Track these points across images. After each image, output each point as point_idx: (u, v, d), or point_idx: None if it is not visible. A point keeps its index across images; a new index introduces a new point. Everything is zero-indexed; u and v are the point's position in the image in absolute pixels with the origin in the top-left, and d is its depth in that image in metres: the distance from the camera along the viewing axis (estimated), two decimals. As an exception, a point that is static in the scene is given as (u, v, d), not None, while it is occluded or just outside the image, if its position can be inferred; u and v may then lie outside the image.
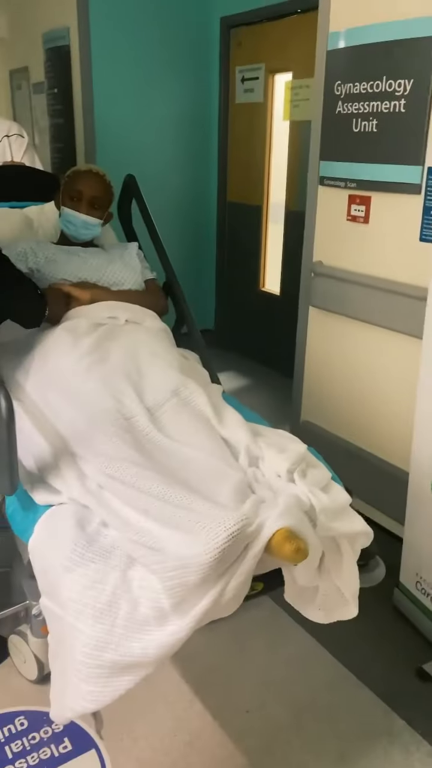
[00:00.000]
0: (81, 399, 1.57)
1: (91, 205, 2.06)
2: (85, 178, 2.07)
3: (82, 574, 1.19)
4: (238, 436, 1.50)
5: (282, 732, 1.73)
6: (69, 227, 2.09)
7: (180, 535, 1.13)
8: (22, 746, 1.68)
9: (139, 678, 1.14)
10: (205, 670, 1.90)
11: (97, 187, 2.07)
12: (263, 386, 3.83)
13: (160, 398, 1.60)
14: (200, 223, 4.29)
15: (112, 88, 3.76)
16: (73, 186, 2.06)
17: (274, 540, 1.12)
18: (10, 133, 2.84)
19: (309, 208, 2.49)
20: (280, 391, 3.70)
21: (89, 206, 2.06)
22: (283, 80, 3.65)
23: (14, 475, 1.35)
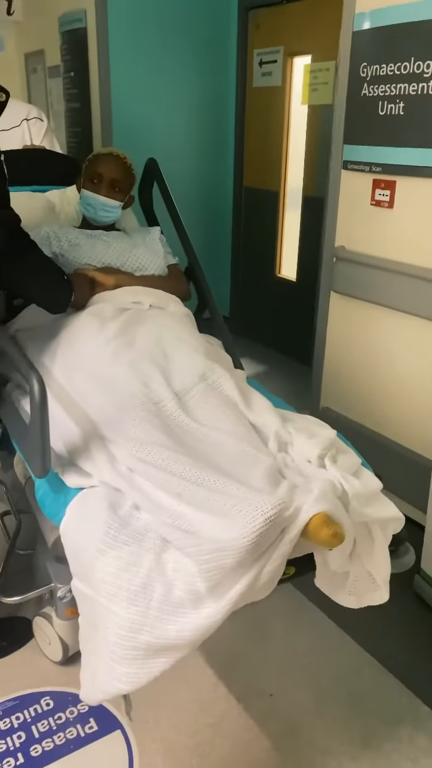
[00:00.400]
0: (109, 383, 1.57)
1: (111, 187, 2.05)
2: (106, 160, 2.06)
3: (116, 557, 1.19)
4: (267, 422, 1.50)
5: (306, 716, 1.74)
6: (88, 209, 2.09)
7: (215, 519, 1.13)
8: (49, 726, 1.70)
9: (174, 660, 1.14)
10: (228, 654, 1.91)
11: (117, 169, 2.06)
12: (279, 373, 3.82)
13: (188, 383, 1.60)
14: (216, 208, 4.26)
15: (129, 72, 3.73)
16: (94, 168, 2.05)
17: (311, 524, 1.12)
18: (29, 116, 2.83)
19: (331, 192, 2.47)
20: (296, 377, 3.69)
21: (109, 189, 2.05)
22: (302, 63, 3.60)
23: (46, 458, 1.35)
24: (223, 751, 1.64)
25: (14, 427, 1.59)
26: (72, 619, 1.79)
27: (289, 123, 3.81)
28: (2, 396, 1.68)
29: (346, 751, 1.65)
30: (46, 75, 4.51)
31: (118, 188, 2.06)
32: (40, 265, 1.61)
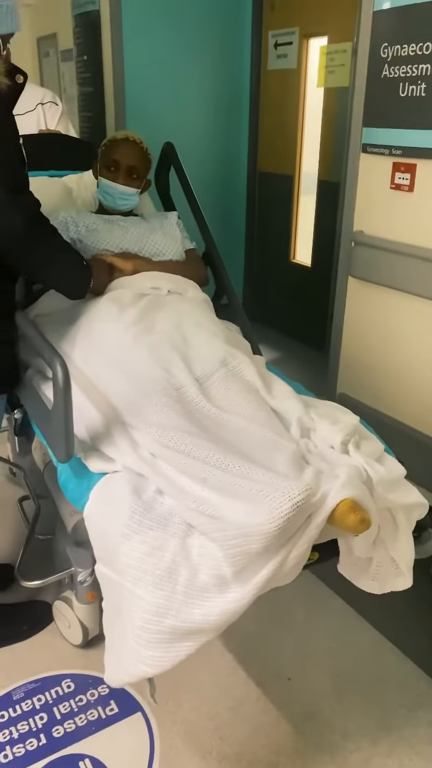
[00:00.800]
0: (129, 369, 1.56)
1: (129, 174, 2.03)
2: (122, 147, 2.04)
3: (140, 541, 1.19)
4: (289, 407, 1.49)
5: (324, 700, 1.75)
6: (106, 198, 2.07)
7: (241, 504, 1.13)
8: (70, 708, 1.72)
9: (200, 644, 1.15)
10: (247, 638, 1.92)
11: (135, 155, 2.04)
12: (293, 359, 3.81)
13: (209, 369, 1.59)
14: (230, 193, 4.23)
15: (142, 55, 3.68)
16: (110, 155, 2.03)
17: (338, 510, 1.12)
18: (44, 100, 2.80)
19: (350, 176, 2.43)
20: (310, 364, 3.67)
21: (126, 176, 2.03)
22: (318, 45, 3.55)
23: (70, 444, 1.35)
24: (243, 734, 1.65)
25: (36, 413, 1.59)
26: (92, 603, 1.81)
27: (304, 106, 3.76)
28: (23, 382, 1.68)
29: (365, 735, 1.66)
30: (59, 59, 4.47)
31: (135, 175, 2.04)
32: (60, 250, 1.60)
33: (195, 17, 3.76)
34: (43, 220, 1.51)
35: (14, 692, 1.76)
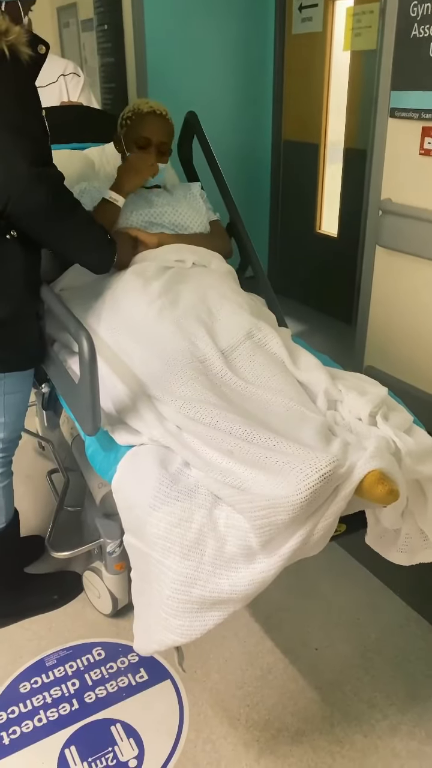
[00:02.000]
0: (155, 342, 1.56)
1: (159, 150, 2.00)
2: (152, 122, 1.97)
3: (168, 512, 1.20)
4: (316, 379, 1.48)
5: (352, 670, 1.77)
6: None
7: (268, 476, 1.13)
8: (101, 674, 1.76)
9: (228, 614, 1.16)
10: (274, 609, 1.94)
11: (164, 130, 1.99)
12: (319, 331, 3.77)
13: (234, 341, 1.58)
14: (254, 162, 4.16)
15: (163, 23, 3.61)
16: (140, 132, 1.96)
17: (365, 482, 1.11)
18: (65, 72, 2.76)
19: (377, 142, 2.37)
20: (336, 336, 3.64)
21: (158, 153, 2.00)
22: (344, 7, 3.44)
23: (97, 417, 1.36)
24: (271, 702, 1.68)
25: (63, 387, 1.60)
26: (121, 573, 1.84)
27: (330, 71, 3.67)
28: (50, 356, 1.69)
29: (392, 704, 1.67)
30: (79, 29, 4.41)
31: (164, 149, 2.01)
32: (84, 223, 1.59)
33: (217, -18, 3.68)
34: (66, 193, 1.50)
35: (47, 659, 1.81)
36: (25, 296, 1.54)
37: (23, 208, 1.40)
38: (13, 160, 1.34)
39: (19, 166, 1.34)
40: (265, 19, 3.88)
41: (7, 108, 1.34)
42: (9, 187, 1.36)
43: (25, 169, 1.35)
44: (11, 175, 1.35)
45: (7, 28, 1.30)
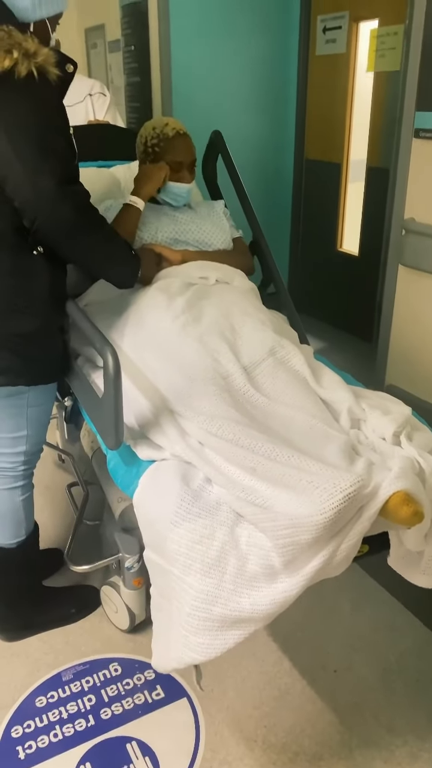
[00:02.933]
0: (178, 358, 1.57)
1: (190, 171, 2.03)
2: (180, 145, 1.99)
3: (189, 529, 1.20)
4: (339, 397, 1.47)
5: (371, 693, 1.74)
6: (178, 200, 2.04)
7: (291, 495, 1.12)
8: (117, 691, 1.75)
9: (248, 633, 1.15)
10: (292, 628, 1.92)
11: (191, 150, 2.02)
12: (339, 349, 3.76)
13: (257, 358, 1.58)
14: (276, 181, 4.19)
15: (189, 44, 3.67)
16: (172, 157, 1.98)
17: (391, 503, 1.10)
18: (92, 91, 2.83)
19: (401, 162, 2.37)
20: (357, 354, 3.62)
21: (189, 174, 2.03)
22: (368, 28, 3.47)
23: (120, 431, 1.37)
24: (289, 724, 1.66)
25: (87, 401, 1.61)
26: (139, 589, 1.83)
27: (353, 92, 3.69)
28: (74, 370, 1.70)
29: (412, 730, 1.64)
30: (106, 50, 4.50)
31: (192, 168, 2.04)
32: (109, 240, 1.61)
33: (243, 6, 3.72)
34: (92, 210, 1.52)
35: (64, 673, 1.80)
36: (51, 311, 1.56)
37: (50, 224, 1.42)
38: (41, 177, 1.36)
39: (46, 183, 1.36)
40: (289, 40, 3.92)
41: (36, 127, 1.36)
42: (37, 205, 1.38)
43: (52, 187, 1.37)
44: (39, 193, 1.37)
45: (36, 50, 1.32)
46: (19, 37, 1.30)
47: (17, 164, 1.34)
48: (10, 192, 1.38)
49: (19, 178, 1.35)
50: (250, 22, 3.78)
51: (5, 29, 1.29)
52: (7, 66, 1.27)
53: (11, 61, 1.27)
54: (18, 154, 1.34)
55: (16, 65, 1.28)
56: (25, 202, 1.38)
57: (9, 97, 1.31)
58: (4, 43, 1.27)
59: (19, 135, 1.34)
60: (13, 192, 1.38)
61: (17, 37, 1.30)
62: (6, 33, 1.29)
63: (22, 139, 1.34)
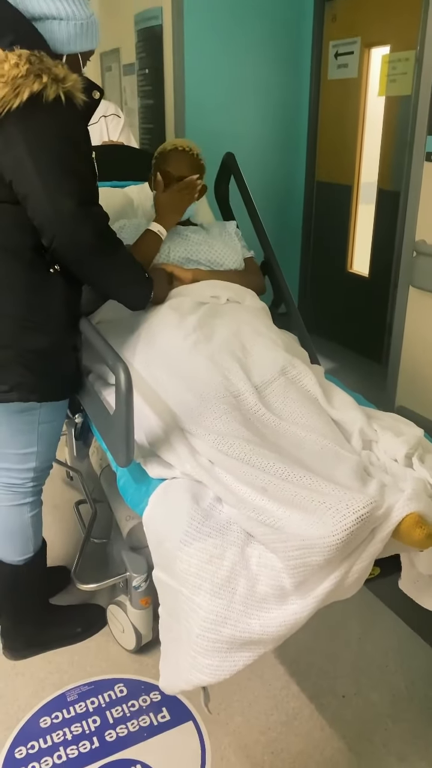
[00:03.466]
0: (189, 376, 1.57)
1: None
2: (172, 157, 2.03)
3: (199, 549, 1.19)
4: (351, 418, 1.47)
5: (380, 719, 1.71)
6: None
7: (303, 515, 1.11)
8: (122, 712, 1.73)
9: (258, 655, 1.14)
10: (301, 651, 1.90)
11: (184, 164, 2.02)
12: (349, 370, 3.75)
13: (268, 377, 1.58)
14: (287, 202, 4.22)
15: (203, 67, 3.73)
16: (162, 167, 2.02)
17: (403, 525, 1.09)
18: (107, 113, 2.88)
19: (413, 185, 2.40)
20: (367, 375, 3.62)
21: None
22: (380, 54, 3.51)
23: (130, 449, 1.37)
24: (296, 749, 1.63)
25: (98, 418, 1.62)
26: (146, 608, 1.82)
27: (364, 115, 3.73)
28: (85, 387, 1.71)
29: (422, 759, 1.60)
30: (121, 72, 4.58)
31: None
32: (124, 263, 1.63)
33: (256, 30, 3.79)
34: (110, 232, 1.54)
35: (68, 693, 1.78)
36: (66, 328, 1.57)
37: (69, 244, 1.44)
38: (62, 199, 1.38)
39: (66, 204, 1.38)
40: (301, 65, 3.98)
41: (60, 149, 1.39)
42: (56, 225, 1.40)
43: (72, 208, 1.39)
44: (59, 213, 1.39)
45: (65, 76, 1.35)
46: (50, 62, 1.33)
47: (39, 184, 1.36)
48: (31, 211, 1.40)
49: (40, 197, 1.37)
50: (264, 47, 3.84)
51: (37, 54, 1.32)
52: (37, 89, 1.30)
53: (40, 85, 1.30)
54: (40, 174, 1.36)
55: (45, 89, 1.31)
56: (45, 221, 1.40)
57: (36, 119, 1.34)
58: (35, 68, 1.30)
59: (42, 156, 1.36)
60: (33, 211, 1.40)
61: (48, 62, 1.33)
62: (38, 58, 1.31)
63: (45, 159, 1.36)
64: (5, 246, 1.47)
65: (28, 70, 1.29)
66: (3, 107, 1.30)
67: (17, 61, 1.29)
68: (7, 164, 1.37)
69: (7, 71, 1.29)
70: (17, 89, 1.29)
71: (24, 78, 1.29)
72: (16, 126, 1.33)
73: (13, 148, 1.35)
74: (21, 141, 1.34)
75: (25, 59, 1.30)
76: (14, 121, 1.33)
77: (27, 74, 1.29)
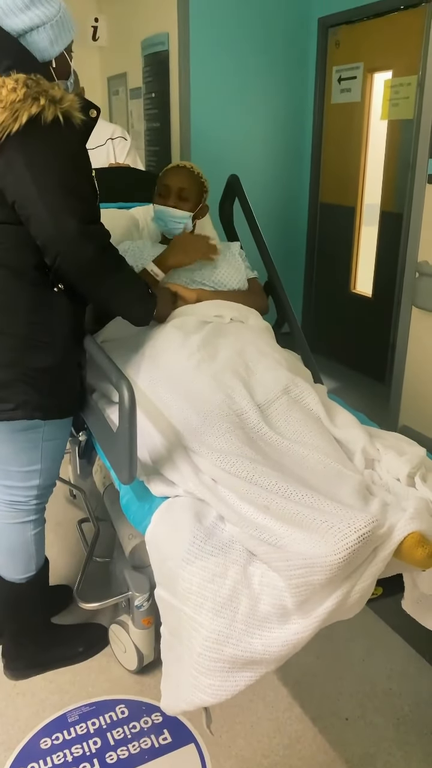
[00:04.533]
0: (192, 395, 1.58)
1: (179, 197, 2.04)
2: (172, 172, 2.08)
3: (201, 567, 1.19)
4: (354, 437, 1.47)
5: (384, 743, 1.69)
6: (159, 223, 2.10)
7: (305, 534, 1.12)
8: (124, 734, 1.71)
9: (260, 675, 1.13)
10: (303, 673, 1.88)
11: (183, 178, 2.05)
12: (352, 390, 3.76)
13: (271, 396, 1.59)
14: (291, 223, 4.27)
15: (208, 91, 3.80)
16: (162, 182, 2.07)
17: (405, 544, 1.09)
18: (113, 135, 2.92)
19: (415, 207, 2.42)
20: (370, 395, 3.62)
21: (177, 199, 2.04)
22: (382, 79, 3.57)
23: (133, 466, 1.37)
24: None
25: (101, 435, 1.63)
26: (148, 628, 1.81)
27: (367, 138, 3.79)
28: (89, 405, 1.72)
29: (427, 784, 1.58)
30: (128, 96, 4.66)
31: (185, 197, 2.05)
32: (127, 280, 1.64)
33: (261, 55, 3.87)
34: (112, 250, 1.56)
35: (69, 714, 1.77)
36: (70, 346, 1.58)
37: (71, 263, 1.46)
38: (64, 217, 1.40)
39: (68, 223, 1.41)
40: (305, 89, 4.05)
41: (61, 169, 1.41)
42: (59, 243, 1.42)
43: (74, 227, 1.41)
44: (61, 232, 1.41)
45: (62, 96, 1.38)
46: (46, 84, 1.36)
47: (41, 204, 1.38)
48: (34, 231, 1.43)
49: (42, 217, 1.40)
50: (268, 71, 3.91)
51: (33, 78, 1.35)
52: (35, 112, 1.33)
53: (38, 108, 1.33)
54: (42, 194, 1.38)
55: (43, 111, 1.34)
56: (48, 240, 1.42)
57: (36, 141, 1.37)
58: (32, 91, 1.33)
59: (43, 176, 1.38)
60: (36, 231, 1.42)
61: (44, 84, 1.36)
62: (34, 81, 1.35)
63: (46, 179, 1.39)
64: (9, 266, 1.49)
65: (26, 94, 1.32)
66: (2, 132, 1.33)
67: (14, 85, 1.33)
68: (10, 186, 1.40)
69: (5, 96, 1.32)
70: (16, 113, 1.32)
71: (22, 102, 1.32)
72: (16, 149, 1.36)
73: (15, 170, 1.38)
74: (22, 163, 1.37)
75: (22, 83, 1.33)
76: (14, 145, 1.35)
77: (25, 98, 1.32)
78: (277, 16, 3.83)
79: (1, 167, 1.38)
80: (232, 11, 3.70)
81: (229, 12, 3.69)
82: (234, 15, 3.71)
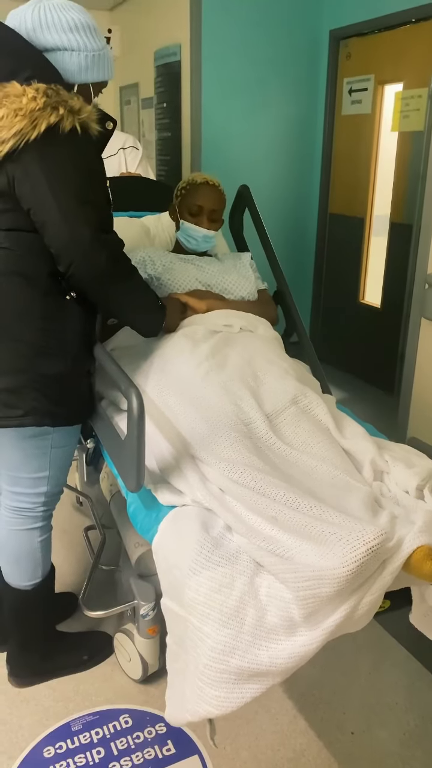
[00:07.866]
0: (201, 404, 1.58)
1: (211, 218, 2.09)
2: (204, 192, 2.08)
3: (208, 577, 1.19)
4: (362, 448, 1.47)
5: (389, 759, 1.67)
6: (190, 241, 2.11)
7: (313, 546, 1.11)
8: (127, 744, 1.70)
9: (266, 687, 1.12)
10: (309, 686, 1.87)
11: (216, 199, 2.09)
12: (361, 400, 3.75)
13: (279, 406, 1.59)
14: (300, 234, 4.28)
15: (219, 102, 3.83)
16: (193, 201, 2.07)
17: (414, 557, 1.08)
18: (125, 145, 2.94)
19: (425, 218, 2.42)
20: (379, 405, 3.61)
21: (209, 220, 2.08)
22: (393, 91, 3.59)
23: (141, 473, 1.37)
24: (303, 788, 1.59)
25: (109, 443, 1.63)
26: (153, 637, 1.80)
27: (377, 150, 3.80)
28: (98, 412, 1.72)
29: (433, 801, 1.56)
30: (139, 106, 4.70)
31: (215, 218, 2.10)
32: (138, 290, 1.65)
33: (272, 66, 3.89)
34: (125, 259, 1.57)
35: (73, 723, 1.76)
36: (80, 354, 1.59)
37: (84, 271, 1.47)
38: (79, 226, 1.42)
39: (83, 232, 1.42)
40: (316, 101, 4.07)
41: (76, 178, 1.43)
42: (72, 252, 1.44)
43: (89, 235, 1.43)
44: (75, 241, 1.42)
45: (81, 107, 1.40)
46: (66, 95, 1.38)
47: (56, 212, 1.40)
48: (48, 238, 1.44)
49: (57, 225, 1.41)
50: (279, 82, 3.94)
51: (54, 88, 1.37)
52: (53, 121, 1.35)
53: (57, 117, 1.35)
54: (58, 202, 1.40)
55: (61, 120, 1.35)
56: (63, 248, 1.43)
57: (53, 150, 1.39)
58: (52, 101, 1.35)
59: (59, 184, 1.40)
60: (51, 238, 1.43)
61: (64, 95, 1.38)
62: (54, 91, 1.36)
63: (62, 188, 1.40)
64: (22, 273, 1.50)
65: (45, 103, 1.34)
66: (21, 139, 1.35)
67: (35, 94, 1.34)
68: (26, 193, 1.42)
69: (25, 105, 1.34)
70: (35, 121, 1.34)
71: (41, 111, 1.34)
72: (34, 157, 1.38)
73: (32, 178, 1.40)
74: (39, 171, 1.39)
75: (42, 93, 1.35)
76: (32, 152, 1.37)
77: (44, 107, 1.34)
78: (289, 28, 3.85)
79: (18, 174, 1.40)
80: (244, 23, 3.72)
81: (241, 24, 3.72)
82: (246, 27, 3.74)
